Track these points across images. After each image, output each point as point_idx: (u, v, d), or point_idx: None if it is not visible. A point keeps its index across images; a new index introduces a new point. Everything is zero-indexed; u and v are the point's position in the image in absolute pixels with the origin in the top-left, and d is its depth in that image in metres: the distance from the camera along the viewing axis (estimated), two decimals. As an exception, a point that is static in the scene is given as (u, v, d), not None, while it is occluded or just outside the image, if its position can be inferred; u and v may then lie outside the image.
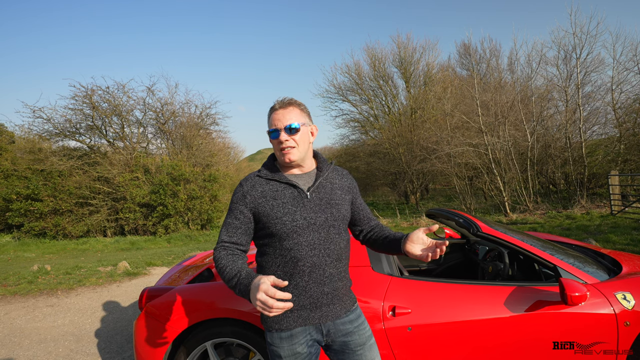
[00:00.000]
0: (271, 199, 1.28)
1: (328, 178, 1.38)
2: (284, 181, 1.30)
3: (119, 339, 3.32)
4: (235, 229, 1.29)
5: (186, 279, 2.45)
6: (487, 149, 12.13)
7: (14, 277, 5.67)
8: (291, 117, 1.29)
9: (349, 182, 1.45)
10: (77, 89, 13.44)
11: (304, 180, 1.34)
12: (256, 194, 1.29)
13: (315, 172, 1.38)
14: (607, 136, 13.69)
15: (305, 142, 1.33)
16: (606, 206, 10.54)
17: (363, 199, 1.54)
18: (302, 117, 1.33)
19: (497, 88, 14.00)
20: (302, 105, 1.35)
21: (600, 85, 13.60)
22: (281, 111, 1.30)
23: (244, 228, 1.30)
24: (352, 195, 1.44)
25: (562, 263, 2.01)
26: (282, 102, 1.32)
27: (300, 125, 1.29)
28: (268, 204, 1.27)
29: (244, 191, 1.31)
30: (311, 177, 1.36)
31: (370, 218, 1.50)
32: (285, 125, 1.28)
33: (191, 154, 14.54)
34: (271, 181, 1.32)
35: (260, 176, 1.33)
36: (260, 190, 1.30)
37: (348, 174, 1.48)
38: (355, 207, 1.46)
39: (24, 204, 12.45)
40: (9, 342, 3.35)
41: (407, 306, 1.87)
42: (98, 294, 4.80)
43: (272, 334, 1.30)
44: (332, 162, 1.45)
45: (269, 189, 1.30)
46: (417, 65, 21.68)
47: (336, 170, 1.44)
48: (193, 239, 11.88)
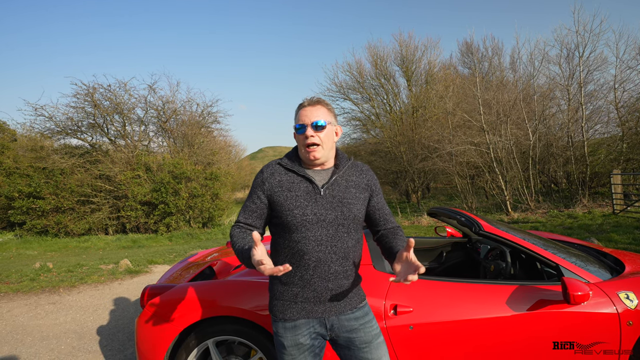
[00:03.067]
0: (286, 189, 1.31)
1: (344, 175, 1.38)
2: (301, 174, 1.33)
3: (120, 337, 3.33)
4: (252, 212, 1.36)
5: (188, 277, 2.46)
6: (488, 147, 12.10)
7: (16, 274, 5.69)
8: (318, 114, 1.32)
9: (367, 179, 1.41)
10: (79, 87, 13.41)
11: (320, 176, 1.36)
12: (274, 182, 1.33)
13: (333, 169, 1.39)
14: (610, 135, 13.62)
15: (330, 140, 1.35)
16: (608, 205, 10.50)
17: (382, 193, 1.47)
18: (329, 116, 1.36)
19: (499, 86, 13.96)
20: (329, 105, 1.39)
21: (603, 83, 13.52)
22: (309, 108, 1.33)
23: (259, 212, 1.35)
24: (370, 193, 1.41)
25: (564, 262, 2.00)
26: (310, 100, 1.36)
27: (326, 124, 1.33)
28: (283, 194, 1.31)
29: (263, 177, 1.36)
30: (328, 174, 1.37)
31: (387, 220, 1.44)
32: (312, 122, 1.31)
33: (192, 152, 14.53)
34: (290, 172, 1.35)
35: (281, 164, 1.37)
36: (278, 179, 1.34)
37: (368, 170, 1.45)
38: (371, 206, 1.42)
39: (26, 202, 12.48)
40: (11, 340, 3.36)
41: (409, 305, 1.86)
42: (100, 292, 4.81)
43: (277, 323, 1.33)
44: (350, 158, 1.45)
45: (286, 180, 1.33)
46: (419, 63, 21.60)
47: (355, 167, 1.43)
48: (194, 237, 11.89)
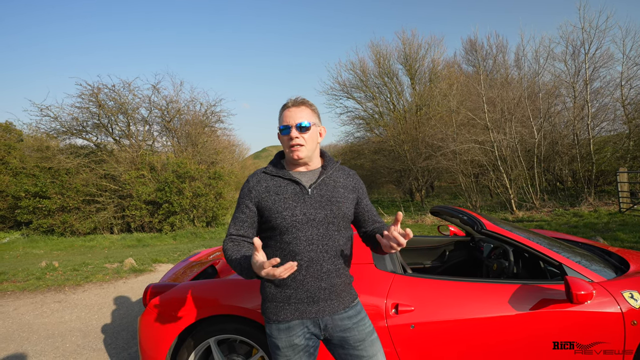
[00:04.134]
0: (274, 194, 1.32)
1: (332, 176, 1.40)
2: (287, 177, 1.34)
3: (125, 335, 3.36)
4: (242, 222, 1.36)
5: (190, 276, 2.47)
6: (493, 146, 12.02)
7: (22, 273, 5.75)
8: (302, 115, 1.33)
9: (354, 182, 1.45)
10: (84, 87, 13.55)
11: (307, 178, 1.37)
12: (260, 189, 1.34)
13: (320, 170, 1.41)
14: (616, 133, 13.49)
15: (314, 141, 1.36)
16: (614, 204, 10.40)
17: (368, 196, 1.53)
18: (313, 117, 1.37)
19: (503, 84, 13.85)
20: (313, 106, 1.40)
21: (609, 80, 13.39)
22: (294, 109, 1.34)
23: (250, 222, 1.36)
24: (357, 195, 1.44)
25: (568, 261, 1.98)
26: (295, 100, 1.36)
27: (310, 125, 1.33)
28: (270, 198, 1.32)
29: (249, 186, 1.37)
30: (315, 175, 1.39)
31: (375, 220, 1.48)
32: (296, 123, 1.31)
33: (196, 151, 14.60)
34: (275, 177, 1.37)
35: (266, 172, 1.39)
36: (264, 185, 1.35)
37: (355, 174, 1.48)
38: (360, 208, 1.45)
39: (32, 202, 12.62)
40: (17, 337, 3.40)
41: (410, 304, 1.86)
42: (105, 291, 4.85)
43: (270, 325, 1.33)
44: (338, 161, 1.46)
45: (272, 185, 1.35)
46: (422, 62, 21.53)
47: (342, 170, 1.45)
48: (198, 236, 11.95)
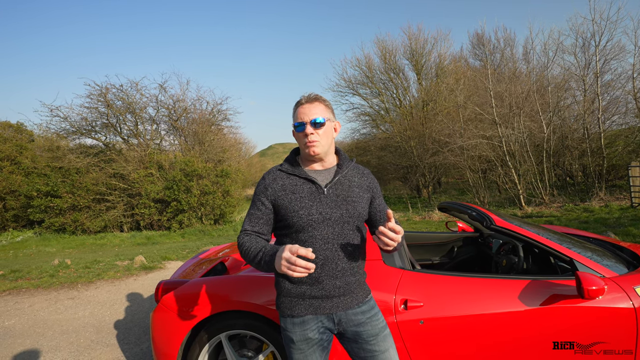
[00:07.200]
0: (290, 192, 1.33)
1: (347, 176, 1.40)
2: (303, 176, 1.35)
3: (136, 331, 3.42)
4: (257, 219, 1.36)
5: (200, 273, 2.50)
6: (501, 141, 11.89)
7: (36, 271, 5.88)
8: (317, 111, 1.33)
9: (368, 181, 1.45)
10: (92, 88, 13.68)
11: (323, 176, 1.37)
12: (277, 187, 1.34)
13: (335, 169, 1.41)
14: (628, 126, 13.20)
15: (329, 137, 1.37)
16: (626, 198, 10.23)
17: (382, 195, 1.52)
18: (327, 112, 1.37)
19: (511, 78, 13.65)
20: (327, 102, 1.39)
21: (620, 73, 13.08)
22: (307, 105, 1.34)
23: (265, 218, 1.36)
24: (372, 194, 1.44)
25: (578, 256, 1.97)
26: (308, 97, 1.36)
27: (325, 120, 1.34)
28: (287, 197, 1.32)
29: (265, 184, 1.37)
30: (330, 174, 1.39)
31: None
32: (310, 119, 1.32)
33: (203, 150, 14.69)
34: (291, 176, 1.37)
35: (281, 170, 1.39)
36: (280, 183, 1.35)
37: (369, 173, 1.48)
38: (373, 208, 1.45)
39: (44, 201, 12.84)
40: (33, 333, 3.49)
41: (419, 299, 1.86)
42: (116, 287, 4.94)
43: (285, 319, 1.34)
44: (353, 159, 1.46)
45: (289, 183, 1.35)
46: (429, 56, 21.28)
47: (357, 169, 1.45)
48: (206, 233, 12.06)
